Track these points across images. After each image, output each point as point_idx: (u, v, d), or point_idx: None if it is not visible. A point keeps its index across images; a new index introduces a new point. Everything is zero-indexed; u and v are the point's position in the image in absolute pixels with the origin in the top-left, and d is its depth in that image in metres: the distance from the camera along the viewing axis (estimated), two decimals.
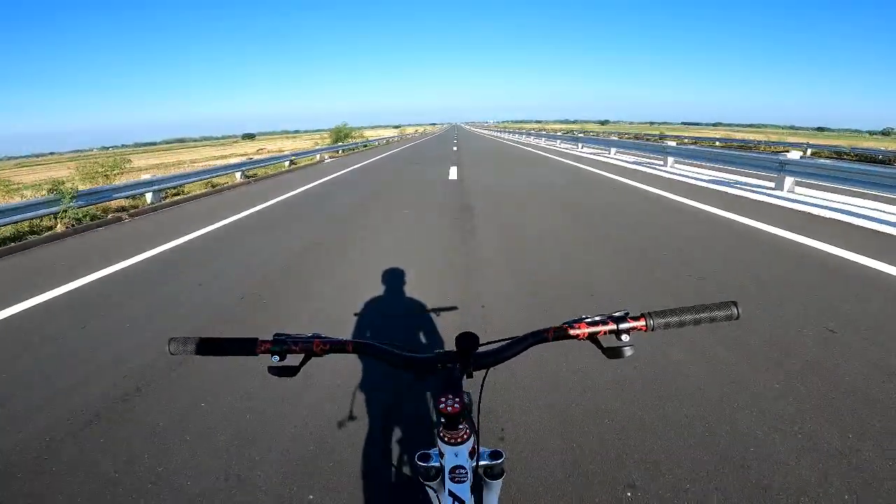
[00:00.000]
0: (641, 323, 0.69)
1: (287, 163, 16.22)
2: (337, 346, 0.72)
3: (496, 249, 4.50)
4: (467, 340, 0.66)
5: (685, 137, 35.20)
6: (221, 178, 12.54)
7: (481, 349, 0.69)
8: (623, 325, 0.69)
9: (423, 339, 2.69)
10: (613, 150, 15.24)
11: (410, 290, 3.47)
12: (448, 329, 2.77)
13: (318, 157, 19.27)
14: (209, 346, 0.72)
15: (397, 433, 1.91)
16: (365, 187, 9.77)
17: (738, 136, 42.23)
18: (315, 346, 0.72)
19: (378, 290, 3.51)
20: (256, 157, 14.96)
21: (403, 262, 4.11)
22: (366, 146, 29.21)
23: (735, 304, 0.70)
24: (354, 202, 7.93)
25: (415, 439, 1.87)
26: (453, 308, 3.13)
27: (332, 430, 1.92)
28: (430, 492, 0.77)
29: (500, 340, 0.74)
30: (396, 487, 1.64)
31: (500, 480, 0.80)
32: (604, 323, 0.70)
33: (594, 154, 15.86)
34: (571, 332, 0.70)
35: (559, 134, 30.29)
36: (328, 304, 3.29)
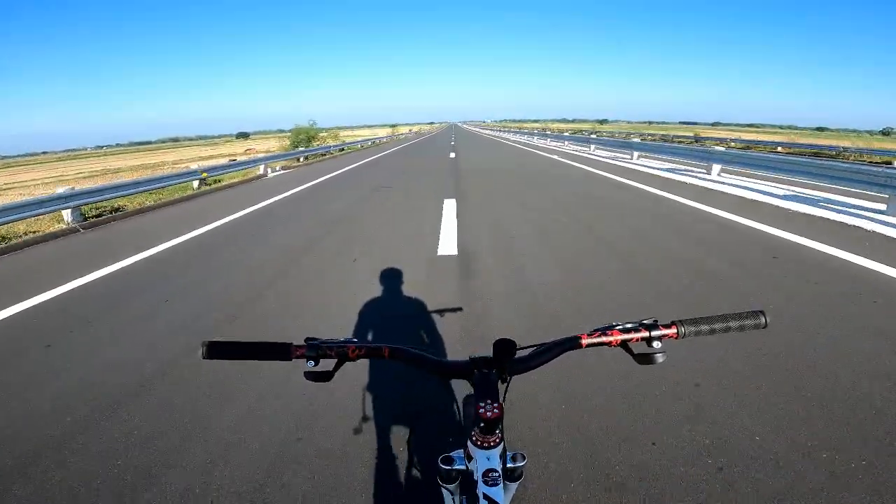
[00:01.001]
0: (672, 331, 0.71)
1: (196, 182, 10.47)
2: (372, 351, 0.73)
3: None
4: (504, 346, 0.66)
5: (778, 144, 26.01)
6: (39, 222, 6.94)
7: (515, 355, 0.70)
8: (654, 333, 0.71)
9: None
10: (717, 167, 9.20)
11: None
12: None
13: (261, 168, 13.49)
14: (244, 351, 0.72)
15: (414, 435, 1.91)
16: (262, 261, 4.06)
17: (802, 139, 33.52)
18: (350, 351, 0.72)
19: None
20: (124, 181, 9.31)
21: None
22: (342, 150, 23.51)
23: (763, 312, 0.71)
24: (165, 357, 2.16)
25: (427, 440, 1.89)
26: (458, 309, 3.07)
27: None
28: (447, 494, 0.81)
29: (532, 346, 0.75)
30: (411, 489, 1.64)
31: (517, 483, 0.80)
32: (636, 330, 0.71)
33: (671, 174, 9.93)
34: (604, 338, 0.72)
35: (592, 136, 24.43)
36: None
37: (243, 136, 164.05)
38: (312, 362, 0.71)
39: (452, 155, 17.82)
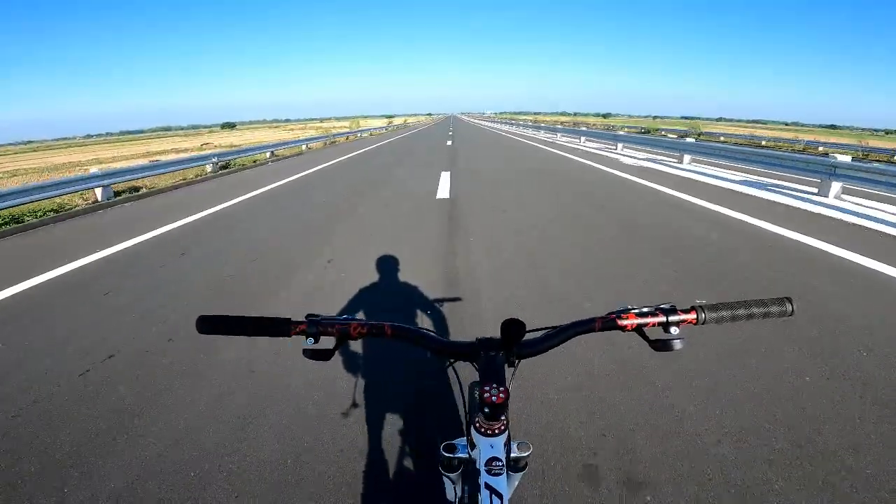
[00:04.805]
0: (692, 316, 0.68)
1: None
2: (374, 330, 0.69)
3: None
4: (513, 328, 0.61)
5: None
6: None
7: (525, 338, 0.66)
8: (673, 318, 0.68)
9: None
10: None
11: None
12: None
13: None
14: (241, 326, 0.69)
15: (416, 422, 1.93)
16: None
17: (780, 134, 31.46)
18: (352, 329, 0.69)
19: None
20: None
21: None
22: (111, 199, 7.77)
23: (790, 300, 0.68)
24: None
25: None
26: (457, 299, 3.13)
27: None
28: (448, 483, 0.78)
29: (543, 329, 0.72)
30: (413, 476, 1.65)
31: (521, 473, 0.77)
32: (653, 315, 0.68)
33: None
34: (619, 322, 0.69)
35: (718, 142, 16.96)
36: None
37: (229, 125, 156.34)
38: (312, 339, 0.68)
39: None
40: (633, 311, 0.69)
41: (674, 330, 0.67)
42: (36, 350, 2.65)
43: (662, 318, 0.67)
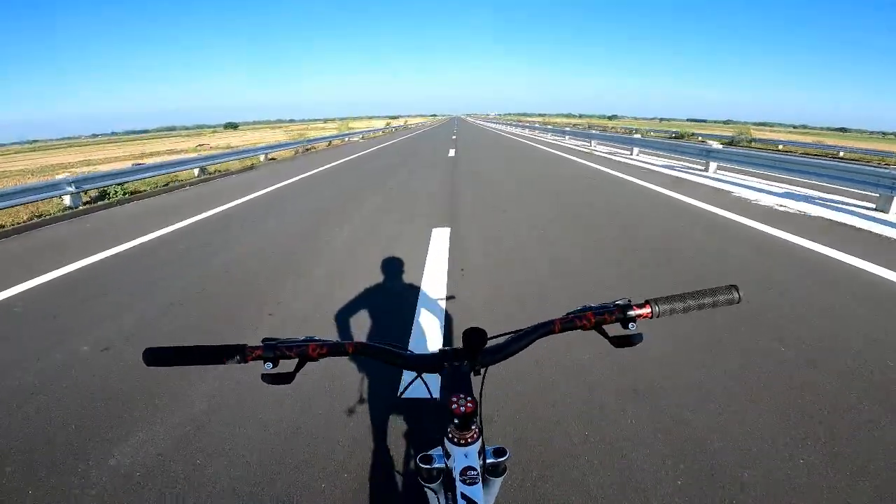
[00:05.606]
0: (647, 310, 0.69)
1: None
2: (335, 349, 0.68)
3: None
4: (475, 336, 0.63)
5: None
6: None
7: (488, 344, 0.67)
8: (629, 313, 0.69)
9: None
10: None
11: None
12: None
13: None
14: (191, 355, 0.65)
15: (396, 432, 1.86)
16: None
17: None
18: (311, 350, 0.67)
19: None
20: None
21: None
22: None
23: (736, 287, 0.70)
24: None
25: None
26: (451, 297, 3.04)
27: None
28: (430, 494, 0.77)
29: (504, 334, 0.72)
30: (395, 489, 1.60)
31: (501, 478, 0.75)
32: (609, 312, 0.69)
33: None
34: (578, 322, 0.69)
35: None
36: None
37: (232, 126, 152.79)
38: (270, 364, 0.66)
39: None
40: (590, 310, 0.69)
41: (632, 325, 0.68)
42: None
43: (619, 315, 0.68)
